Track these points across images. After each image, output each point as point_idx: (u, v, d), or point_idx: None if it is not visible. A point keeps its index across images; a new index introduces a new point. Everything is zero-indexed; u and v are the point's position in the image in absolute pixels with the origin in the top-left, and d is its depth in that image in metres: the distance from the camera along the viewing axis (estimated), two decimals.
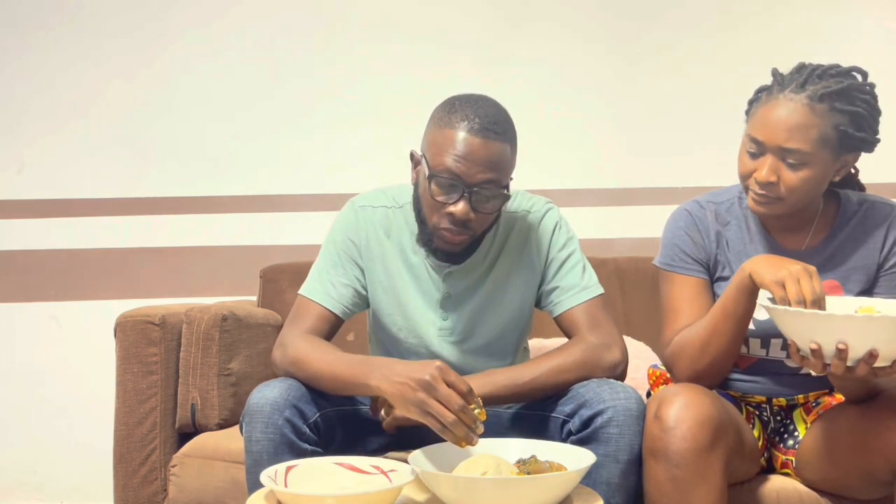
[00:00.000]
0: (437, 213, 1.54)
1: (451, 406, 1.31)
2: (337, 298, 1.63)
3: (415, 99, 2.68)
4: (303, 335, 1.57)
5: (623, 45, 2.68)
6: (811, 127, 1.44)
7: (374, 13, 2.71)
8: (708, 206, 1.64)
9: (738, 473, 1.52)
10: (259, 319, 2.21)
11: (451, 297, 1.66)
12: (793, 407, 1.62)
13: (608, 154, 2.67)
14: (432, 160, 1.53)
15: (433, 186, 1.51)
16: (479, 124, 1.50)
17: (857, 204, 1.60)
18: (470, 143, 1.50)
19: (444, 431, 1.32)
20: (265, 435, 1.42)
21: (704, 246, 1.61)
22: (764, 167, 1.47)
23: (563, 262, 1.66)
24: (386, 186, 1.74)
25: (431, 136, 1.55)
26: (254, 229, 2.70)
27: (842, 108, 1.45)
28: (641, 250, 2.53)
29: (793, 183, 1.47)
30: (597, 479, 1.43)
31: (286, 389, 1.46)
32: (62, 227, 2.73)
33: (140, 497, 1.92)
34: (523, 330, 1.73)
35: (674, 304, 1.60)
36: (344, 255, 1.66)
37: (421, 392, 1.33)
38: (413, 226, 1.65)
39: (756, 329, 1.56)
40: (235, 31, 2.72)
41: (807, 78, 1.47)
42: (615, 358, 1.57)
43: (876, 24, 2.64)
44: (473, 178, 1.50)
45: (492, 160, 1.51)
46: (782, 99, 1.47)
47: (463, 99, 1.56)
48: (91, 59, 2.73)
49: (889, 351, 1.28)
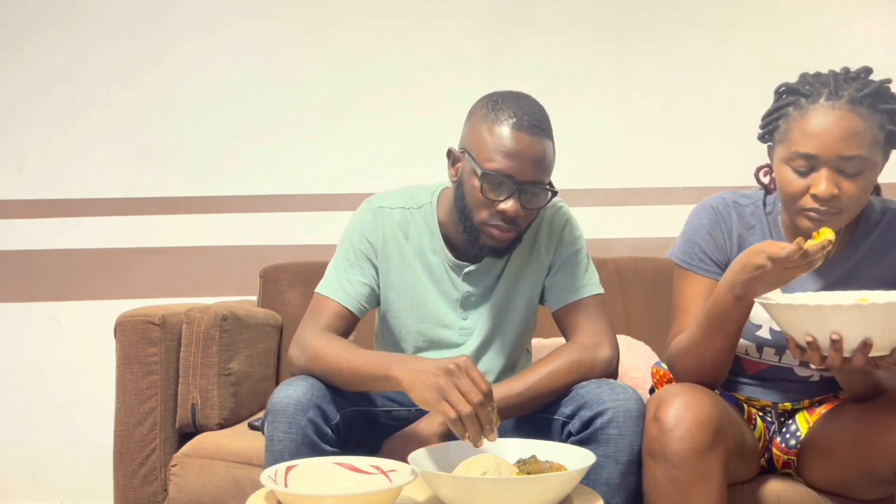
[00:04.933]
0: (486, 210, 1.53)
1: (470, 398, 1.29)
2: (354, 296, 1.62)
3: (415, 99, 2.70)
4: (320, 332, 1.55)
5: (623, 46, 2.68)
6: (864, 131, 1.39)
7: (374, 14, 2.71)
8: (733, 206, 1.60)
9: (738, 473, 1.52)
10: (259, 319, 2.21)
11: (471, 297, 1.67)
12: (797, 410, 1.62)
13: (608, 154, 2.67)
14: (480, 157, 1.52)
15: (484, 184, 1.51)
16: (527, 121, 1.50)
17: (880, 213, 1.56)
18: (520, 140, 1.50)
19: (456, 423, 1.29)
20: (287, 435, 1.41)
21: (725, 248, 1.58)
22: (821, 181, 1.39)
23: (567, 259, 1.67)
24: (401, 187, 1.73)
25: (477, 133, 1.54)
26: (254, 229, 2.71)
27: (882, 107, 1.41)
28: (641, 250, 2.54)
29: (854, 192, 1.40)
30: (596, 479, 1.43)
31: (309, 389, 1.44)
32: (62, 227, 2.73)
33: (140, 497, 1.92)
34: (529, 327, 1.74)
35: (685, 302, 1.59)
36: (360, 253, 1.65)
37: (442, 378, 1.31)
38: (433, 226, 1.66)
39: (771, 339, 1.56)
40: (235, 32, 2.72)
41: (836, 84, 1.42)
42: (606, 355, 1.57)
43: (876, 23, 2.64)
44: (524, 175, 1.50)
45: (540, 157, 1.51)
46: (821, 109, 1.40)
47: (504, 96, 1.55)
48: (91, 59, 2.73)
49: (884, 339, 1.27)
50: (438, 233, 1.67)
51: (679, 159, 2.65)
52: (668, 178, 2.65)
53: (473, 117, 1.56)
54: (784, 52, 2.61)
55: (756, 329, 1.56)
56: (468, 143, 1.56)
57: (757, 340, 1.57)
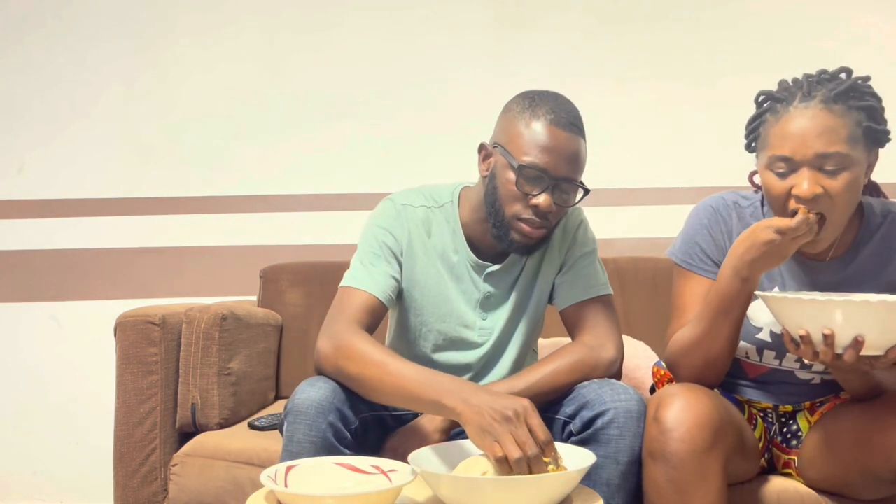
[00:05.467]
0: (519, 204, 1.53)
1: (526, 450, 1.25)
2: (384, 286, 1.59)
3: (416, 99, 2.70)
4: (353, 328, 1.50)
5: (623, 46, 2.68)
6: (839, 128, 1.40)
7: (374, 13, 2.71)
8: (734, 206, 1.61)
9: (738, 474, 1.52)
10: (259, 319, 2.21)
11: (491, 297, 1.67)
12: (798, 411, 1.62)
13: (608, 154, 2.66)
14: (517, 152, 1.52)
15: (519, 178, 1.52)
16: (564, 119, 1.52)
17: (882, 215, 1.56)
18: (557, 136, 1.51)
19: (502, 462, 1.26)
20: (307, 437, 1.39)
21: (725, 248, 1.58)
22: (802, 181, 1.40)
23: (579, 259, 1.67)
24: (419, 186, 1.72)
25: (514, 127, 1.54)
26: (254, 229, 2.71)
27: (857, 104, 1.42)
28: (641, 250, 2.54)
29: (837, 190, 1.40)
30: (597, 479, 1.43)
31: (331, 391, 1.42)
32: (62, 227, 2.73)
33: (140, 497, 1.92)
34: (538, 326, 1.74)
35: (684, 301, 1.59)
36: (386, 247, 1.63)
37: (499, 425, 1.28)
38: (455, 225, 1.66)
39: (772, 342, 1.56)
40: (235, 32, 2.73)
41: (809, 87, 1.43)
42: (610, 356, 1.57)
43: (876, 23, 2.64)
44: (558, 171, 1.51)
45: (575, 154, 1.53)
46: (795, 111, 1.42)
47: (541, 94, 1.57)
48: (91, 59, 2.73)
49: (876, 338, 1.27)
50: (461, 232, 1.66)
51: (679, 159, 2.65)
52: (668, 178, 2.65)
53: (509, 113, 1.57)
54: (784, 52, 2.61)
55: (756, 332, 1.56)
56: (503, 138, 1.56)
57: (757, 343, 1.57)
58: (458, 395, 1.35)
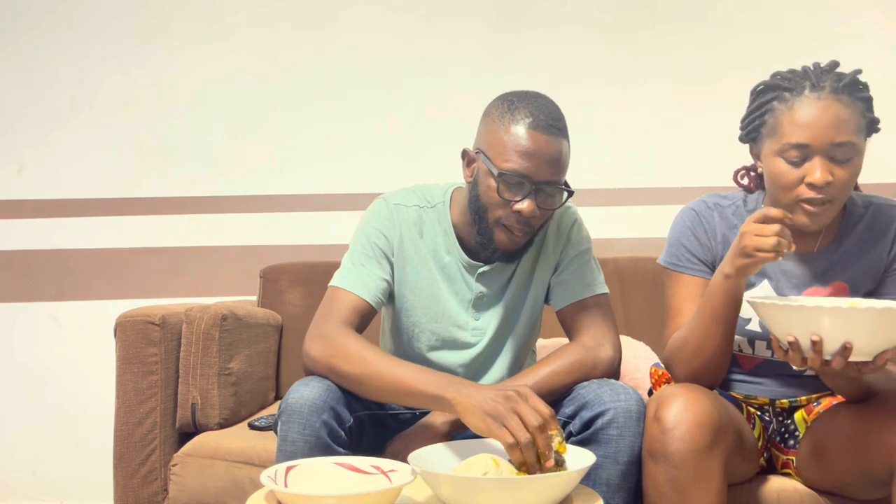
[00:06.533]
0: (501, 210, 1.52)
1: (530, 423, 1.26)
2: (373, 290, 1.59)
3: (415, 99, 2.70)
4: (343, 329, 1.51)
5: (623, 46, 2.68)
6: (850, 118, 1.44)
7: (374, 13, 2.71)
8: (715, 208, 1.63)
9: (738, 473, 1.52)
10: (259, 319, 2.21)
11: (484, 297, 1.66)
12: (795, 409, 1.62)
13: (608, 154, 2.67)
14: (497, 158, 1.51)
15: (500, 185, 1.50)
16: (544, 121, 1.50)
17: (864, 207, 1.59)
18: (537, 140, 1.49)
19: (513, 449, 1.27)
20: (301, 436, 1.40)
21: (711, 247, 1.61)
22: (816, 169, 1.43)
23: (574, 259, 1.67)
24: (412, 186, 1.72)
25: (494, 133, 1.53)
26: (254, 229, 2.71)
27: (859, 96, 1.46)
28: (641, 250, 2.54)
29: (845, 178, 1.45)
30: (597, 479, 1.43)
31: (325, 390, 1.42)
32: (62, 227, 2.73)
33: (140, 497, 1.92)
34: (535, 327, 1.74)
35: (677, 303, 1.61)
36: (377, 248, 1.63)
37: (501, 404, 1.29)
38: (446, 226, 1.65)
39: (762, 332, 1.56)
40: (235, 31, 2.72)
41: (817, 76, 1.46)
42: (608, 356, 1.57)
43: (876, 23, 2.64)
44: (540, 175, 1.50)
45: (556, 157, 1.51)
46: (807, 100, 1.44)
47: (520, 95, 1.55)
48: (90, 58, 2.73)
49: (864, 344, 1.28)
50: (452, 232, 1.66)
51: (679, 159, 2.65)
52: (668, 178, 2.65)
53: (489, 117, 1.56)
54: (784, 52, 2.61)
55: (746, 323, 1.58)
56: (483, 144, 1.55)
57: (748, 335, 1.58)
58: (458, 388, 1.37)
